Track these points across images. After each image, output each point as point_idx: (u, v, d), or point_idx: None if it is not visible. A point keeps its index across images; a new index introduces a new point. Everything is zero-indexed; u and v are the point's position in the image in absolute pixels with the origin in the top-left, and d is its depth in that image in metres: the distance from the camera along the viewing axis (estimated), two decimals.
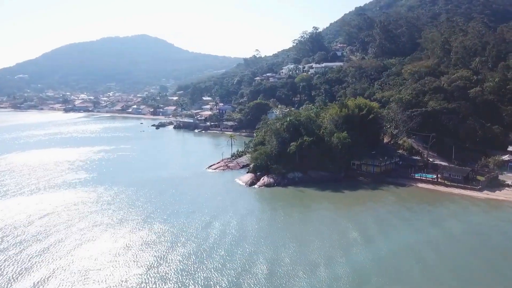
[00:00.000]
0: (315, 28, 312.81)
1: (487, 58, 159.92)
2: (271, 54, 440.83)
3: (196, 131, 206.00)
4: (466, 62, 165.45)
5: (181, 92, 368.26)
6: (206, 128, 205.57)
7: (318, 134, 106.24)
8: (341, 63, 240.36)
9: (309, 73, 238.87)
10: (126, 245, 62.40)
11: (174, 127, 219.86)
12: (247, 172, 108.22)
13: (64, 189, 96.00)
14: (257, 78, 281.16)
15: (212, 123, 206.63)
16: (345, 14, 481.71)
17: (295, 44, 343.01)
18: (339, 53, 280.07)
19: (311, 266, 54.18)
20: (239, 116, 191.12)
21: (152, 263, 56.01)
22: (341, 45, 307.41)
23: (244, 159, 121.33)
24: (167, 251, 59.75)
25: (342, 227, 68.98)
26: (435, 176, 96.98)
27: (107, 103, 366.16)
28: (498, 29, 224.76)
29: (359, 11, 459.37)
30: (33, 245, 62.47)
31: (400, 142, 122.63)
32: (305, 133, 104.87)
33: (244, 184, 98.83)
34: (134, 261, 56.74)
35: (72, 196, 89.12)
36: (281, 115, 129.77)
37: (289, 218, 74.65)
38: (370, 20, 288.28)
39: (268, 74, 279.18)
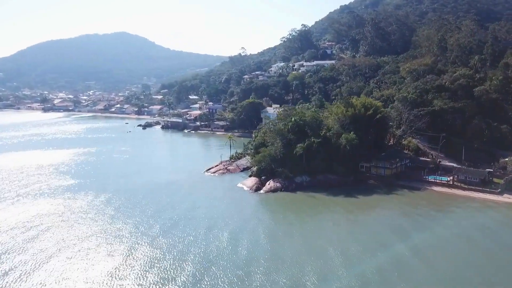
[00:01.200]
0: (304, 26, 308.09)
1: (485, 56, 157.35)
2: (256, 53, 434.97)
3: (185, 131, 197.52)
4: (464, 60, 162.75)
5: (165, 90, 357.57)
6: (196, 128, 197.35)
7: (324, 135, 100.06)
8: (333, 61, 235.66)
9: (300, 71, 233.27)
10: (127, 264, 54.87)
11: (162, 127, 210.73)
12: (250, 176, 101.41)
13: (48, 197, 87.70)
14: (246, 76, 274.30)
15: (202, 123, 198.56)
16: (330, 12, 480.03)
17: (283, 42, 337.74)
18: (329, 51, 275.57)
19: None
20: (231, 115, 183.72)
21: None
22: (329, 43, 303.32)
23: (244, 162, 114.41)
24: (174, 272, 52.53)
25: (363, 238, 63.09)
26: (449, 179, 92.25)
27: (89, 102, 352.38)
28: (490, 28, 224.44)
29: (344, 10, 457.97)
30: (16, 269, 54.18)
31: (405, 142, 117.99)
32: (311, 134, 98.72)
33: (248, 189, 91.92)
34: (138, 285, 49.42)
35: (57, 206, 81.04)
36: (280, 115, 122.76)
37: (305, 229, 68.00)
38: (359, 18, 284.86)
39: (257, 72, 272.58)
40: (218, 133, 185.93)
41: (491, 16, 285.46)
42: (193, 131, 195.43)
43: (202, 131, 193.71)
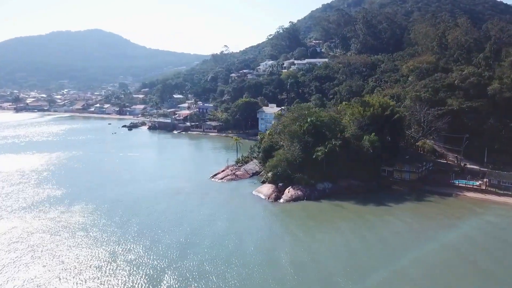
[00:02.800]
0: (292, 23, 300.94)
1: (489, 54, 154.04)
2: (238, 51, 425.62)
3: (175, 132, 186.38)
4: (468, 58, 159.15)
5: (146, 89, 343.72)
6: (186, 129, 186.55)
7: (344, 137, 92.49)
8: (325, 60, 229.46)
9: (291, 69, 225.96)
10: None
11: (149, 128, 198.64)
12: (263, 182, 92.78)
13: (28, 211, 76.07)
14: (233, 74, 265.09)
15: (193, 124, 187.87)
16: (312, 11, 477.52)
17: (269, 40, 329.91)
18: (318, 50, 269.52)
19: None
20: (225, 115, 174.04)
21: None
22: (316, 41, 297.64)
23: (252, 166, 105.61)
24: None
25: (429, 260, 55.10)
26: (478, 183, 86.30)
27: (65, 101, 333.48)
28: (483, 27, 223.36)
29: (327, 8, 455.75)
30: None
31: (418, 144, 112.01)
32: (330, 136, 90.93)
33: (265, 198, 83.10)
34: None
35: (48, 222, 69.81)
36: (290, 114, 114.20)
37: (353, 249, 59.18)
38: (348, 16, 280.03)
39: (245, 71, 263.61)
40: (211, 134, 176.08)
41: (473, 16, 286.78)
42: (184, 132, 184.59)
43: (193, 132, 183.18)
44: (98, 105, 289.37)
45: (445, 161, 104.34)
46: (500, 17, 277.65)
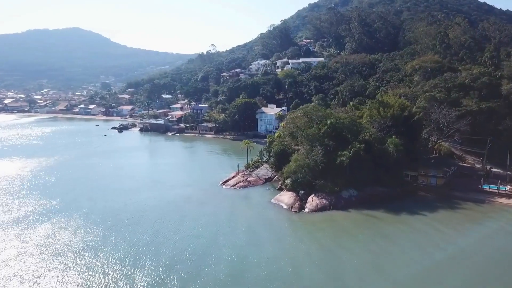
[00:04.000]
0: (284, 22, 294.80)
1: (494, 53, 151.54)
2: (224, 50, 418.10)
3: (168, 134, 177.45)
4: (472, 57, 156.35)
5: (132, 89, 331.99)
6: (180, 131, 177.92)
7: (365, 140, 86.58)
8: (321, 59, 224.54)
9: (286, 69, 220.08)
10: None
11: (141, 130, 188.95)
12: (279, 189, 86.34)
13: (11, 227, 67.27)
14: (224, 74, 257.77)
15: (188, 125, 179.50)
16: (299, 10, 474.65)
17: (258, 38, 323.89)
18: (312, 49, 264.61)
19: None
20: (223, 116, 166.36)
21: None
22: (308, 40, 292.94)
23: (264, 171, 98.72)
24: None
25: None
26: (508, 188, 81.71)
27: (47, 102, 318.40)
28: (479, 25, 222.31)
29: (314, 7, 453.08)
30: None
31: (434, 146, 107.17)
32: (352, 139, 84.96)
33: (287, 207, 76.29)
34: None
35: (47, 240, 61.55)
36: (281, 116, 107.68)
37: (398, 268, 53.50)
38: (340, 15, 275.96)
39: (237, 70, 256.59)
40: (207, 136, 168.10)
41: (460, 16, 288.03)
42: (178, 134, 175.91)
43: (188, 134, 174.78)
44: (82, 105, 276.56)
45: (467, 165, 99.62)
46: (486, 17, 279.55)
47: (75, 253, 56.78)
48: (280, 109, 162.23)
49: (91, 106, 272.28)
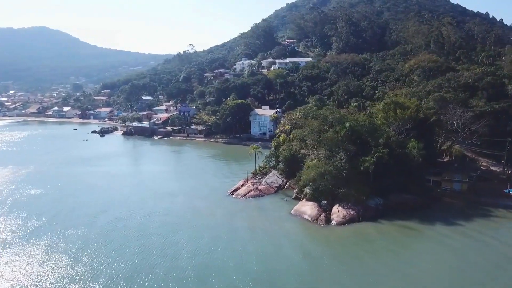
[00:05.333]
0: (267, 22, 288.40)
1: (491, 53, 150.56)
2: (201, 50, 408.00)
3: (155, 138, 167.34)
4: (469, 56, 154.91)
5: (108, 91, 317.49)
6: (167, 134, 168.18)
7: (386, 143, 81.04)
8: (308, 59, 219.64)
9: (274, 69, 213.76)
10: None
11: (124, 134, 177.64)
12: (296, 199, 79.56)
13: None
14: (207, 74, 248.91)
15: (175, 128, 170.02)
16: (277, 10, 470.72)
17: (241, 38, 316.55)
18: (297, 49, 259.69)
19: None
20: (213, 119, 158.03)
21: None
22: (290, 40, 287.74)
23: (274, 179, 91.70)
24: None
25: None
26: None
27: (17, 104, 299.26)
28: (466, 26, 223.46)
29: (292, 8, 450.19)
30: None
31: (444, 148, 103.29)
32: (373, 143, 79.28)
33: (311, 220, 69.53)
34: None
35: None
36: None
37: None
38: (324, 14, 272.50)
39: (220, 70, 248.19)
40: (197, 139, 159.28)
41: (439, 17, 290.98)
42: (165, 138, 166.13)
43: (176, 138, 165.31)
44: (56, 108, 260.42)
45: (483, 168, 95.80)
46: (462, 19, 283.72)
47: None
48: (274, 110, 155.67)
49: (66, 109, 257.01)
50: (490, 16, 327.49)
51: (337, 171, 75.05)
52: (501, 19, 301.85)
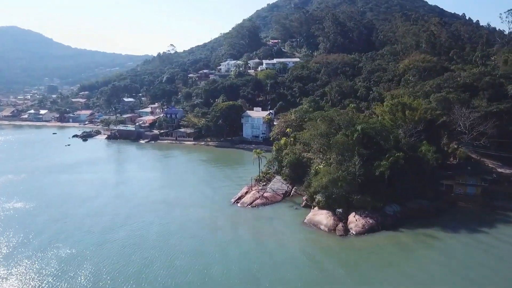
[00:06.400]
0: (252, 22, 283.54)
1: (485, 53, 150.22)
2: (182, 50, 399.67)
3: (141, 141, 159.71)
4: (462, 56, 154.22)
5: (86, 93, 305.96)
6: (155, 138, 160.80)
7: (398, 147, 77.47)
8: (296, 59, 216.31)
9: (260, 69, 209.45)
10: None
11: (108, 138, 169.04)
12: (306, 206, 74.97)
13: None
14: (191, 75, 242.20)
15: (162, 131, 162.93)
16: (257, 10, 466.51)
17: (225, 38, 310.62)
18: (283, 49, 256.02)
19: None
20: (204, 121, 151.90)
21: None
22: (274, 40, 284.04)
23: (279, 185, 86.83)
24: None
25: None
26: None
27: None
28: (453, 26, 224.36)
29: (273, 8, 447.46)
30: None
31: (448, 150, 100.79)
32: (387, 147, 75.52)
33: (327, 230, 64.93)
34: None
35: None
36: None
37: None
38: (309, 14, 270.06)
39: (205, 71, 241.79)
40: (186, 143, 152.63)
41: (422, 18, 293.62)
42: (153, 142, 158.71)
43: (164, 141, 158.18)
44: (32, 111, 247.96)
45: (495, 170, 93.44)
46: (440, 19, 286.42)
47: None
48: (267, 112, 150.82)
49: (43, 112, 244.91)
50: (467, 18, 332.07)
51: (352, 176, 70.77)
52: (477, 21, 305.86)
